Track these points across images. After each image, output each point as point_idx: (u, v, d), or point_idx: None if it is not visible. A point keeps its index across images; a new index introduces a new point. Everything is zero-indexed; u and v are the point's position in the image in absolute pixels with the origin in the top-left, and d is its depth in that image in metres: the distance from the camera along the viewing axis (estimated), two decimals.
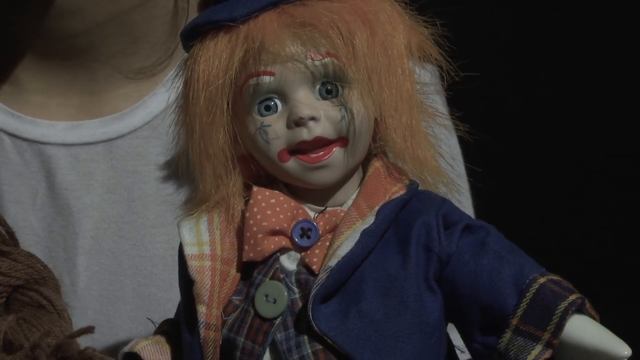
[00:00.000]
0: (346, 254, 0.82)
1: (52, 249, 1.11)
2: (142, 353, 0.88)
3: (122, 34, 1.08)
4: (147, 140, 1.11)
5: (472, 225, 0.84)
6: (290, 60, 0.84)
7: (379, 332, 0.81)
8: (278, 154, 0.84)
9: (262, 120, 0.85)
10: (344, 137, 0.84)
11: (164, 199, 1.11)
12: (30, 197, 1.11)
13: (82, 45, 1.08)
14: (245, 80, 0.85)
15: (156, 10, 1.09)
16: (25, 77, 1.11)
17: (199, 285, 0.85)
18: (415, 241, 0.83)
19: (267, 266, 0.85)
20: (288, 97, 0.84)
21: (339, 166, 0.85)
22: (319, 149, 0.84)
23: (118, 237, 1.11)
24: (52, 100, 1.12)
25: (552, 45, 1.85)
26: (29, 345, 0.88)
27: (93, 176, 1.11)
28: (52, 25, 1.06)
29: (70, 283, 1.10)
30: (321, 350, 0.81)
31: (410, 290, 0.82)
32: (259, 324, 0.83)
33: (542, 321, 0.80)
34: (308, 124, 0.84)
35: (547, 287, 0.81)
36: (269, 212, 0.85)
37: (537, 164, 1.87)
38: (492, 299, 0.81)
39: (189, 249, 0.86)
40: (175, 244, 0.93)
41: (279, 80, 0.84)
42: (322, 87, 0.85)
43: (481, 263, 0.82)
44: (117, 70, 1.10)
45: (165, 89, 1.11)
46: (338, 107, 0.84)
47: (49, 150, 1.11)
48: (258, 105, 0.85)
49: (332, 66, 0.84)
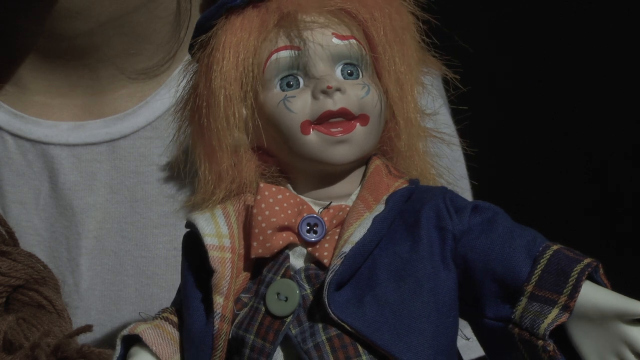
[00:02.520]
0: (360, 239, 0.83)
1: (54, 249, 1.11)
2: (144, 336, 0.87)
3: (125, 35, 1.09)
4: (150, 140, 1.11)
5: (481, 205, 0.85)
6: (317, 36, 0.86)
7: (396, 314, 0.81)
8: (301, 125, 0.85)
9: (285, 94, 0.86)
10: (366, 115, 0.86)
11: (167, 200, 1.11)
12: (33, 197, 1.11)
13: (85, 46, 1.08)
14: (269, 55, 0.86)
15: (159, 11, 1.09)
16: (29, 78, 1.11)
17: (220, 276, 0.84)
18: (426, 224, 0.84)
19: (277, 264, 0.85)
20: (312, 72, 0.85)
21: (358, 144, 0.86)
22: (341, 123, 0.85)
23: (121, 237, 1.11)
24: (55, 100, 1.12)
25: (553, 44, 1.85)
26: (29, 345, 0.88)
27: (96, 176, 1.11)
28: (56, 25, 1.06)
29: (73, 283, 1.10)
30: (336, 337, 0.81)
31: (423, 271, 0.82)
32: (270, 322, 0.83)
33: (557, 285, 0.80)
34: (334, 95, 0.85)
35: (561, 252, 0.81)
36: (277, 208, 0.85)
37: (540, 166, 1.87)
38: (506, 268, 0.82)
39: (209, 239, 0.85)
40: (177, 245, 0.93)
41: (304, 56, 0.85)
42: (345, 67, 0.86)
43: (492, 237, 0.83)
44: (120, 70, 1.11)
45: (167, 90, 1.12)
46: (361, 85, 0.86)
47: (52, 150, 1.11)
48: (280, 81, 0.86)
49: (355, 48, 0.87)
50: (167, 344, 0.88)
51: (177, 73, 1.11)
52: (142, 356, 0.87)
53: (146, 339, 0.87)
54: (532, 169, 1.87)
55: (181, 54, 1.12)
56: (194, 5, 1.12)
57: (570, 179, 1.88)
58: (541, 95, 1.85)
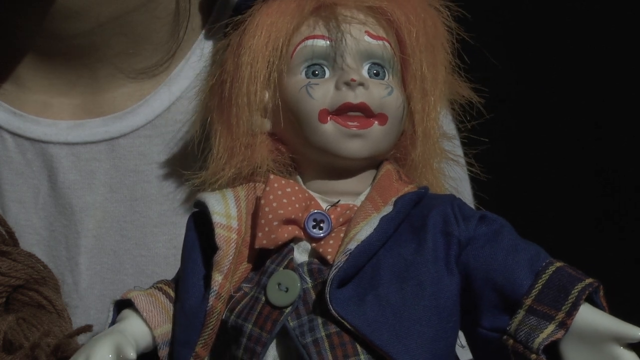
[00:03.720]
0: (366, 237, 0.83)
1: (54, 248, 1.11)
2: (135, 301, 0.88)
3: (124, 35, 1.09)
4: (149, 139, 1.11)
5: (488, 216, 0.86)
6: (350, 31, 0.87)
7: (397, 315, 0.82)
8: (319, 113, 0.86)
9: (309, 80, 0.87)
10: (385, 115, 0.87)
11: (166, 198, 1.11)
12: (33, 196, 1.11)
13: (84, 45, 1.08)
14: (300, 41, 0.87)
15: (158, 11, 1.09)
16: (28, 76, 1.11)
17: (223, 254, 0.85)
18: (432, 228, 0.84)
19: (281, 256, 0.85)
20: (339, 64, 0.87)
21: (372, 141, 0.86)
22: (359, 118, 0.86)
23: (120, 236, 1.11)
24: (54, 99, 1.12)
25: (556, 47, 1.85)
26: (29, 345, 0.88)
27: (95, 175, 1.11)
28: (55, 25, 1.06)
29: (72, 282, 1.10)
30: (335, 334, 0.82)
31: (426, 275, 0.83)
32: (268, 311, 0.83)
33: (557, 301, 0.81)
34: (357, 89, 0.86)
35: (564, 270, 0.82)
36: (284, 201, 0.85)
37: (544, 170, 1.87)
38: (506, 279, 0.82)
39: (217, 217, 0.87)
40: (177, 243, 0.94)
41: (334, 47, 0.87)
42: (372, 67, 0.88)
43: (496, 247, 0.84)
44: (119, 70, 1.11)
45: (167, 89, 1.12)
46: (384, 86, 0.87)
47: (51, 149, 1.11)
48: (306, 69, 0.87)
49: (386, 50, 0.88)
50: (158, 312, 0.88)
51: (176, 72, 1.12)
52: (132, 320, 0.88)
53: (137, 304, 0.88)
54: (542, 179, 1.87)
55: (180, 54, 1.12)
56: (193, 5, 1.12)
57: (581, 188, 1.88)
58: (551, 106, 1.85)
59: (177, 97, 1.12)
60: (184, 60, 1.12)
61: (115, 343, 0.84)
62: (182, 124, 1.11)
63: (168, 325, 0.88)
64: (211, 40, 1.13)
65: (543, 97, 1.84)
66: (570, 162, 1.89)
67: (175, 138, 1.11)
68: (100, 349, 0.83)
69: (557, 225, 1.85)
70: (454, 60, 0.92)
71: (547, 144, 1.87)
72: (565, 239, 1.78)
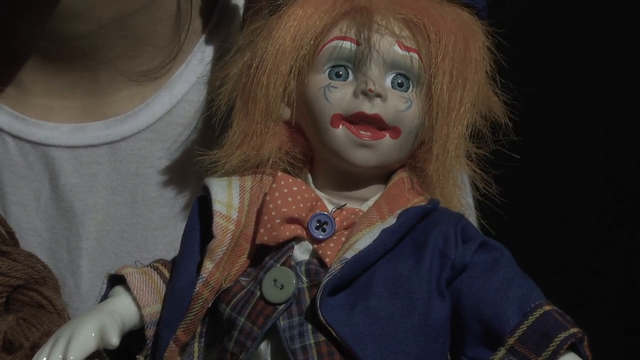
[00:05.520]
0: (364, 248, 0.83)
1: (55, 250, 1.11)
2: (128, 278, 0.88)
3: (126, 37, 1.09)
4: (151, 142, 1.12)
5: (489, 243, 0.85)
6: (379, 38, 0.86)
7: (384, 331, 0.82)
8: (332, 117, 0.86)
9: (330, 82, 0.86)
10: (398, 129, 0.86)
11: (167, 201, 1.11)
12: (34, 199, 1.11)
13: (85, 48, 1.09)
14: (328, 41, 0.87)
15: (159, 13, 1.10)
16: (29, 80, 1.12)
17: (217, 243, 0.86)
18: (432, 247, 0.84)
19: (280, 253, 0.86)
20: (362, 70, 0.86)
21: (381, 153, 0.86)
22: (371, 129, 0.86)
23: (121, 239, 1.12)
24: (55, 102, 1.12)
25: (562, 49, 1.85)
26: (28, 345, 0.88)
27: (96, 178, 1.12)
28: (56, 27, 1.06)
29: (73, 285, 1.10)
30: (324, 342, 0.82)
31: (420, 293, 0.83)
32: (262, 306, 0.84)
33: (538, 346, 0.81)
34: (374, 99, 0.85)
35: (551, 314, 0.82)
36: (289, 199, 0.85)
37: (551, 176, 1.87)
38: (494, 314, 0.82)
39: (218, 206, 0.87)
40: (177, 246, 0.94)
41: (361, 52, 0.86)
42: (396, 77, 0.87)
43: (490, 279, 0.83)
44: (120, 72, 1.11)
45: (168, 92, 1.12)
46: (404, 99, 0.86)
47: (52, 152, 1.11)
48: (330, 69, 0.87)
49: (413, 62, 0.87)
50: (150, 292, 0.89)
51: (177, 75, 1.12)
52: (122, 298, 0.88)
53: (130, 281, 0.88)
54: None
55: (181, 57, 1.12)
56: (194, 8, 1.12)
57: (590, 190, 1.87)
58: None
59: (178, 100, 1.12)
60: (185, 63, 1.12)
61: (100, 325, 0.84)
62: (183, 127, 1.12)
63: (157, 305, 0.88)
64: (212, 44, 1.13)
65: (552, 103, 1.84)
66: (581, 168, 1.89)
67: (176, 141, 1.11)
68: (85, 329, 0.84)
69: (566, 232, 1.85)
70: (489, 77, 0.90)
71: (555, 150, 1.87)
72: (574, 244, 1.78)
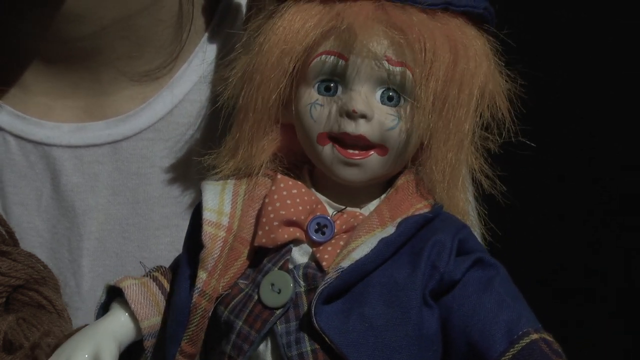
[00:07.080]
0: (360, 258, 0.83)
1: (56, 250, 1.11)
2: (127, 291, 0.88)
3: (127, 38, 1.09)
4: (152, 142, 1.12)
5: (485, 260, 0.84)
6: (367, 54, 0.84)
7: (378, 340, 0.81)
8: (318, 135, 0.85)
9: (317, 98, 0.85)
10: (385, 147, 0.85)
11: (169, 201, 1.11)
12: (35, 198, 1.12)
13: (87, 49, 1.09)
14: (317, 54, 0.85)
15: (161, 14, 1.10)
16: (31, 79, 1.12)
17: (208, 252, 0.85)
18: (427, 256, 0.83)
19: (278, 255, 0.85)
20: (350, 86, 0.84)
21: (369, 170, 0.85)
22: (358, 148, 0.85)
23: (122, 238, 1.12)
24: (57, 102, 1.12)
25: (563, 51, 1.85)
26: (28, 345, 0.88)
27: (98, 178, 1.12)
28: (58, 28, 1.06)
29: (74, 285, 1.10)
30: (320, 350, 0.82)
31: (414, 302, 0.82)
32: (259, 310, 0.83)
33: None
34: (358, 120, 0.84)
35: (537, 345, 0.81)
36: (288, 202, 0.85)
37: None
38: (482, 338, 0.81)
39: (208, 214, 0.86)
40: (179, 246, 0.94)
41: (349, 68, 0.84)
42: (386, 92, 0.85)
43: (482, 301, 0.82)
44: (122, 73, 1.11)
45: (169, 91, 1.12)
46: (392, 117, 0.85)
47: (54, 152, 1.11)
48: (319, 83, 0.86)
49: (403, 76, 0.85)
50: (148, 304, 0.88)
51: (178, 75, 1.12)
52: (120, 316, 0.88)
53: (128, 294, 0.88)
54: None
55: (183, 57, 1.12)
56: (195, 8, 1.12)
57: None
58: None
59: (180, 100, 1.12)
60: (187, 63, 1.12)
61: (96, 350, 0.85)
62: (185, 127, 1.12)
63: (156, 317, 0.88)
64: (214, 43, 1.13)
65: (549, 103, 1.84)
66: (582, 168, 1.88)
67: (178, 141, 1.12)
68: (80, 355, 0.85)
69: (566, 231, 1.84)
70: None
71: (556, 150, 1.86)
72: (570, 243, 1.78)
